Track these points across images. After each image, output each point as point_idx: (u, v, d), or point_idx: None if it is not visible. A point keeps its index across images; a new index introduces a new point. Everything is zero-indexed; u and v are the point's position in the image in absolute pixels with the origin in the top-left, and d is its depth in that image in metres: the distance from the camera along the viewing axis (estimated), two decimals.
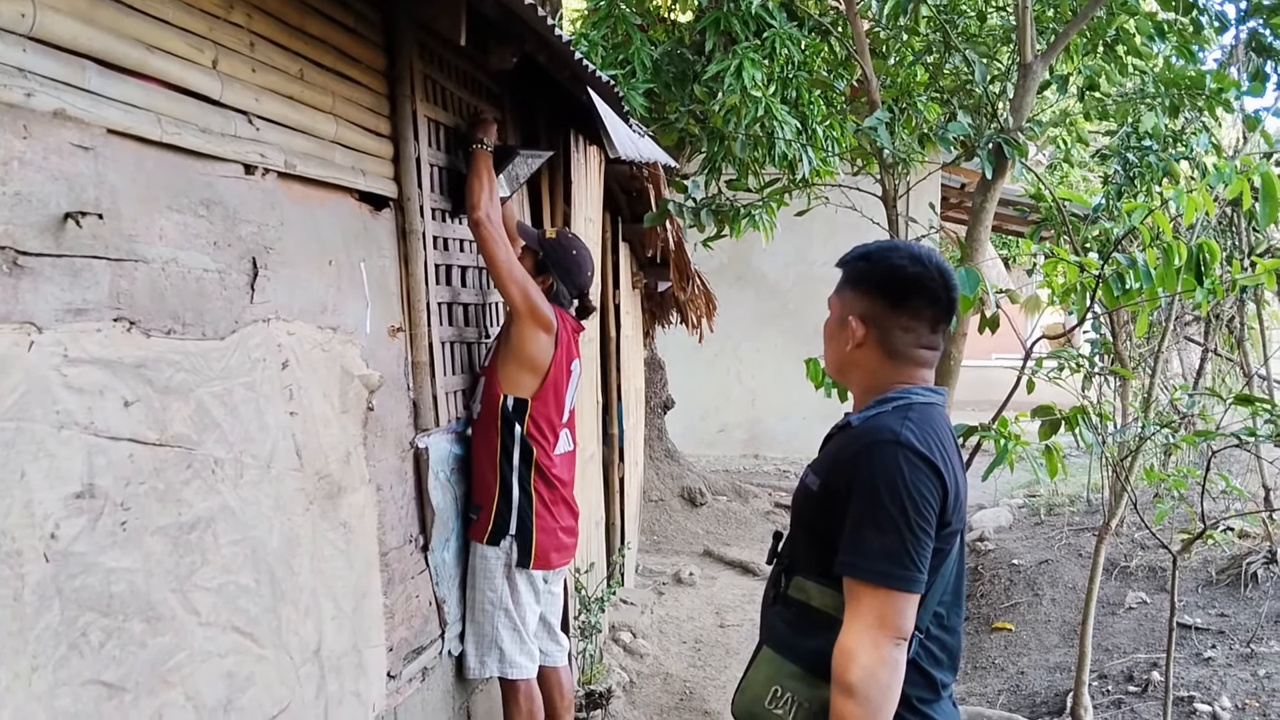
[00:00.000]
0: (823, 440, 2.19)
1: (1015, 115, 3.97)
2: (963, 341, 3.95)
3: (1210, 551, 5.80)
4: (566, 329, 3.55)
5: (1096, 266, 3.04)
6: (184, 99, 2.04)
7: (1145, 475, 3.58)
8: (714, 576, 8.02)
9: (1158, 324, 4.68)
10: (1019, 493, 9.34)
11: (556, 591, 3.78)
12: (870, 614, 1.81)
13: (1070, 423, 3.17)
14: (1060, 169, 10.02)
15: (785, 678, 1.96)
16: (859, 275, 2.08)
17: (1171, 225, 3.22)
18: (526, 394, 3.43)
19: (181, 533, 1.95)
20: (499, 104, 3.99)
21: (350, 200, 2.78)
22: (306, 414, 2.45)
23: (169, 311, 1.96)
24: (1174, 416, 4.30)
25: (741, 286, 12.15)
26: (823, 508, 1.97)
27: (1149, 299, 3.13)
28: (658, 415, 10.23)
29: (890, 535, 1.83)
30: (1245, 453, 5.76)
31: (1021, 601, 6.09)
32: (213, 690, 2.03)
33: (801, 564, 2.04)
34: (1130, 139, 5.29)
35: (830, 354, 2.15)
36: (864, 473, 1.88)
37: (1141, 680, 4.46)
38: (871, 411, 2.01)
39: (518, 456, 3.42)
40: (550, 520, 3.50)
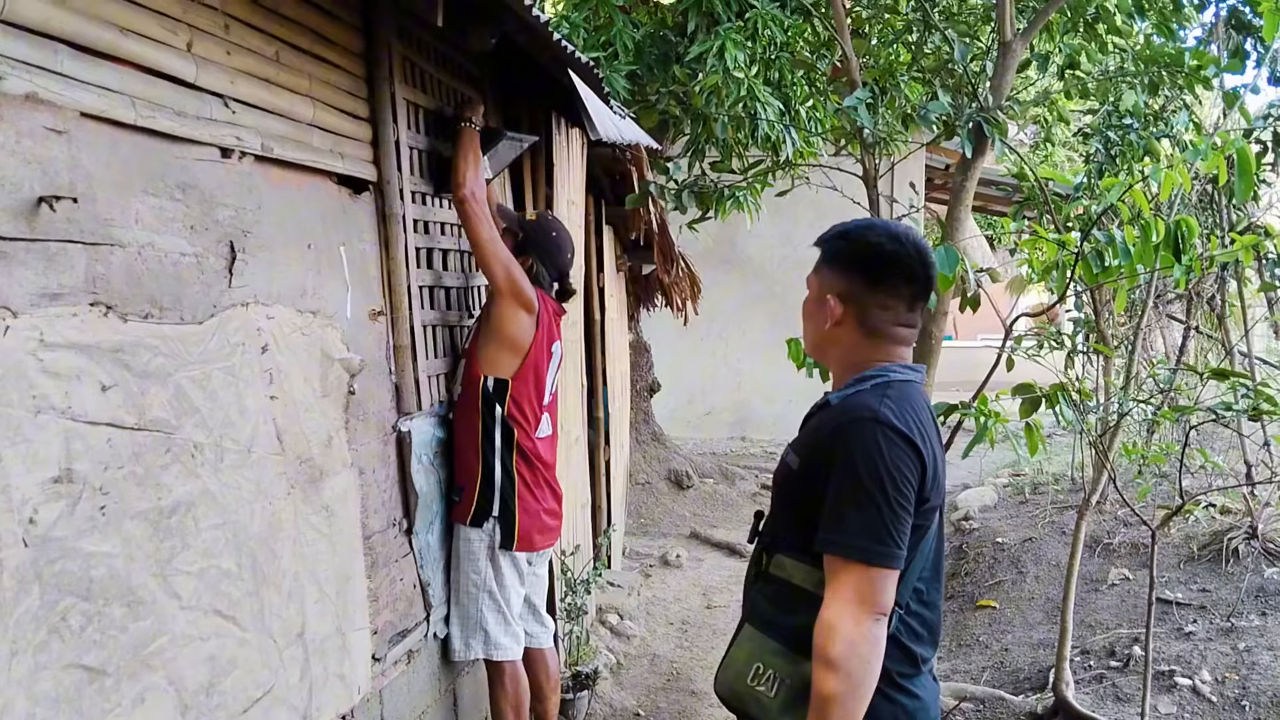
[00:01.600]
0: (803, 419, 2.20)
1: (995, 94, 3.97)
2: (943, 320, 3.96)
3: (1192, 528, 5.83)
4: (548, 310, 3.55)
5: (1076, 244, 3.05)
6: (158, 82, 2.04)
7: (1124, 451, 3.60)
8: (701, 558, 8.05)
9: (1138, 301, 4.70)
10: (1004, 472, 9.37)
11: (541, 574, 3.79)
12: (850, 590, 1.82)
13: (1051, 400, 3.18)
14: (1044, 148, 10.04)
15: (767, 655, 1.97)
16: (837, 254, 2.09)
17: (1150, 202, 3.23)
18: (507, 374, 3.43)
19: (161, 517, 1.95)
20: (479, 87, 3.98)
21: (329, 183, 2.77)
22: (287, 398, 2.45)
23: (146, 296, 1.96)
24: (1154, 393, 4.33)
25: (727, 270, 12.15)
26: (803, 485, 1.98)
27: (1128, 276, 3.14)
28: (644, 398, 10.24)
29: (869, 512, 1.84)
30: (1228, 430, 5.80)
31: (1005, 579, 6.12)
32: (195, 673, 2.03)
33: (783, 542, 2.05)
34: (1111, 117, 5.30)
35: (809, 332, 2.16)
36: (843, 450, 1.89)
37: (1123, 655, 4.50)
38: (850, 390, 2.02)
39: (499, 438, 3.43)
40: (533, 502, 3.50)
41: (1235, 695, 3.94)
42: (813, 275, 2.13)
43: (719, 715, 4.97)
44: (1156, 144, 5.14)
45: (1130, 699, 4.07)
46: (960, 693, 4.33)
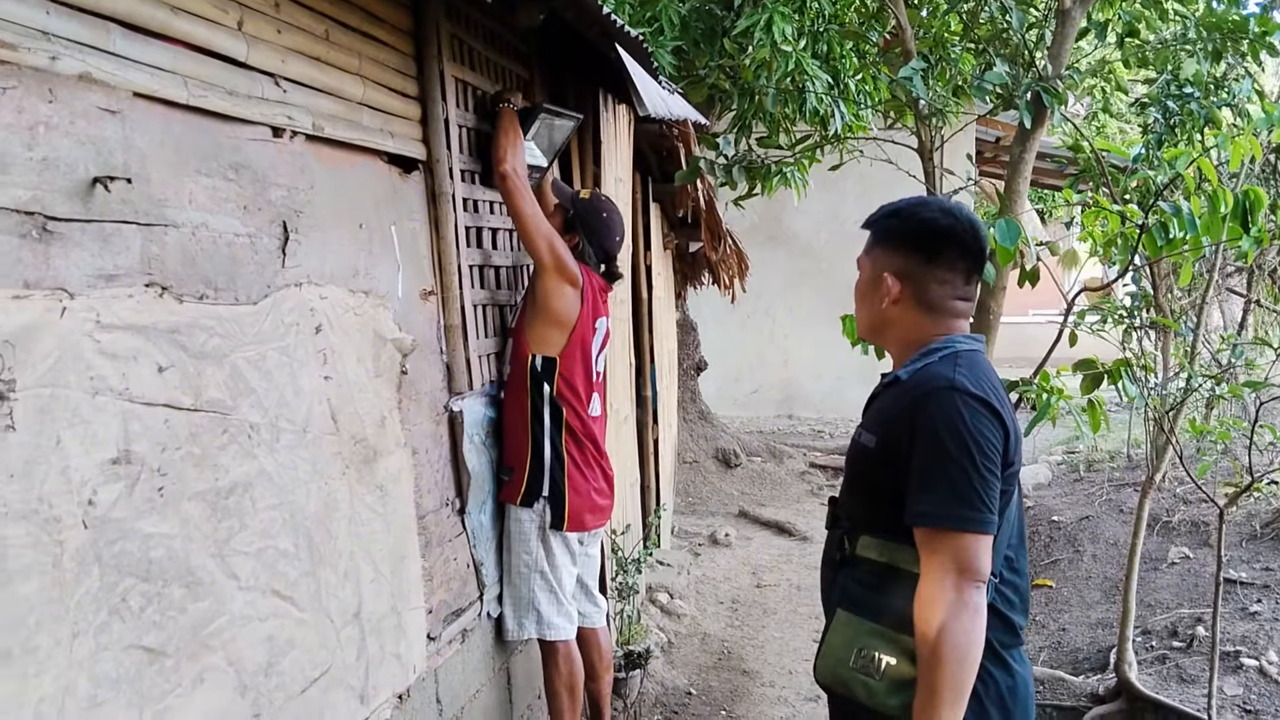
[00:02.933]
0: (868, 400, 2.19)
1: (1054, 63, 3.88)
2: (1002, 295, 3.88)
3: (1255, 505, 5.71)
4: (593, 286, 3.52)
5: (1139, 216, 2.97)
6: (210, 61, 2.02)
7: (1190, 428, 3.51)
8: (749, 537, 8.02)
9: (1200, 275, 4.59)
10: (1058, 449, 9.25)
11: (593, 554, 3.77)
12: (948, 560, 1.82)
13: (1114, 376, 3.11)
14: (1097, 119, 9.84)
15: (866, 636, 1.96)
16: (889, 232, 2.09)
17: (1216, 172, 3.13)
18: (554, 352, 3.41)
19: (219, 497, 1.95)
20: (526, 64, 3.94)
21: (379, 163, 2.76)
22: (341, 378, 2.44)
23: (201, 276, 1.95)
24: (1216, 368, 4.22)
25: (773, 246, 12.05)
26: (882, 464, 1.97)
27: (1193, 249, 3.05)
28: (691, 377, 10.20)
29: (959, 479, 1.83)
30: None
31: (1062, 558, 6.04)
32: (254, 654, 2.03)
33: (865, 523, 2.05)
34: (1170, 86, 5.16)
35: (863, 314, 2.15)
36: (924, 421, 1.89)
37: (1186, 635, 4.41)
38: (919, 364, 2.01)
39: (548, 417, 3.41)
40: (583, 482, 3.49)
41: None
42: (864, 256, 2.13)
43: (770, 694, 4.95)
44: (1218, 113, 4.99)
45: (1195, 680, 3.99)
46: None
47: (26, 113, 1.56)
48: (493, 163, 3.29)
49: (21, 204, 1.54)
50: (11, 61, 1.53)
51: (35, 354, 1.53)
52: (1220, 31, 4.62)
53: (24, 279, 1.53)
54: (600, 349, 3.62)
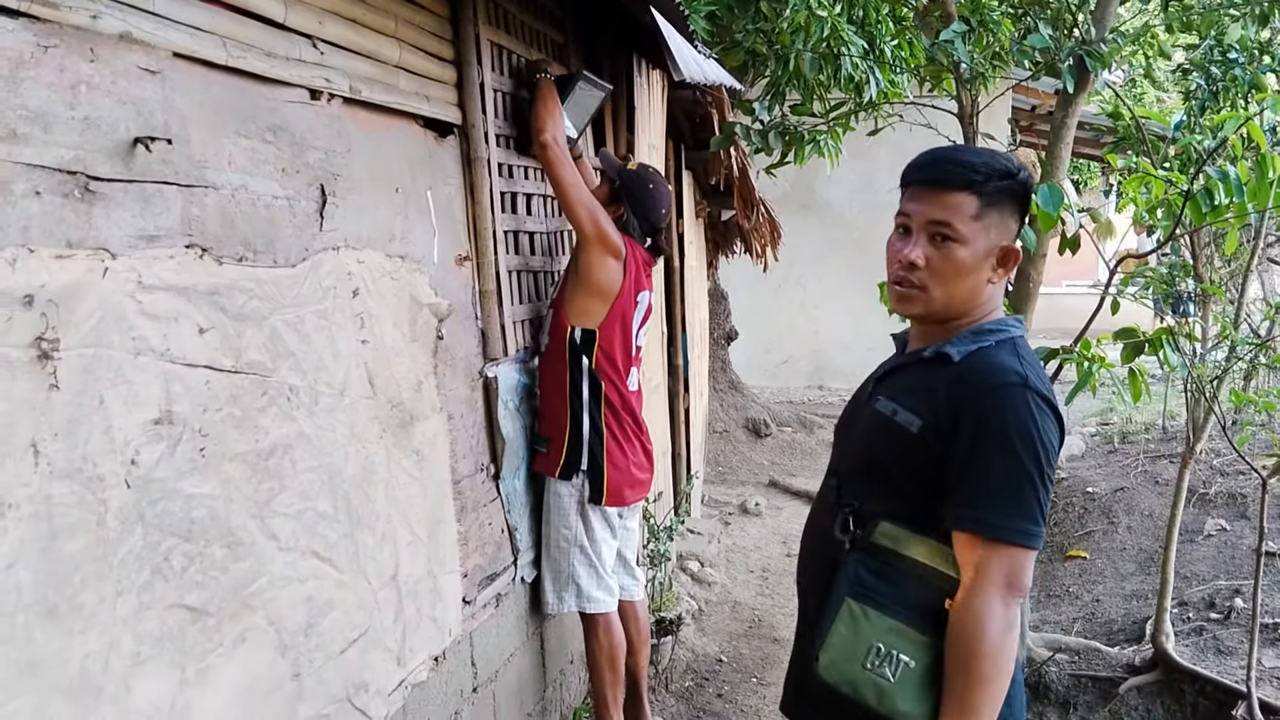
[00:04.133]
0: (892, 367, 2.03)
1: (1098, 26, 3.80)
2: (1043, 263, 3.83)
3: None
4: (636, 259, 3.49)
5: (1185, 181, 2.92)
6: (248, 22, 2.01)
7: (1233, 397, 3.46)
8: (780, 507, 8.02)
9: (1243, 244, 4.52)
10: (1091, 421, 9.18)
11: (632, 526, 3.77)
12: (1001, 574, 1.70)
13: (1155, 345, 3.06)
14: (1136, 86, 9.69)
15: (884, 634, 1.78)
16: (1010, 195, 1.85)
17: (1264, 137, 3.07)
18: (594, 324, 3.39)
19: (259, 459, 1.96)
20: (561, 28, 3.92)
21: (415, 127, 2.75)
22: (378, 342, 2.44)
23: (240, 238, 1.95)
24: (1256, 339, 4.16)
25: (805, 215, 11.96)
26: (925, 451, 1.81)
27: (1238, 216, 2.99)
28: (721, 346, 10.17)
29: (1026, 491, 1.72)
30: None
31: (1096, 529, 6.00)
32: (294, 614, 2.05)
33: (882, 508, 1.88)
34: (1214, 52, 5.07)
35: (957, 290, 1.86)
36: (994, 420, 1.74)
37: (1224, 607, 4.38)
38: (972, 345, 1.85)
39: (587, 390, 3.40)
40: (621, 457, 3.47)
41: None
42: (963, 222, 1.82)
43: None
44: (1263, 79, 4.90)
45: (1232, 652, 3.96)
46: (1054, 644, 4.26)
47: (68, 72, 1.55)
48: (532, 132, 3.26)
49: (64, 163, 1.53)
50: (53, 20, 1.52)
51: (78, 314, 1.53)
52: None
53: (66, 239, 1.53)
54: (642, 323, 3.60)
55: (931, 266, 1.85)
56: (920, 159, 1.92)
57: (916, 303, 1.89)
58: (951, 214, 1.82)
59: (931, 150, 1.93)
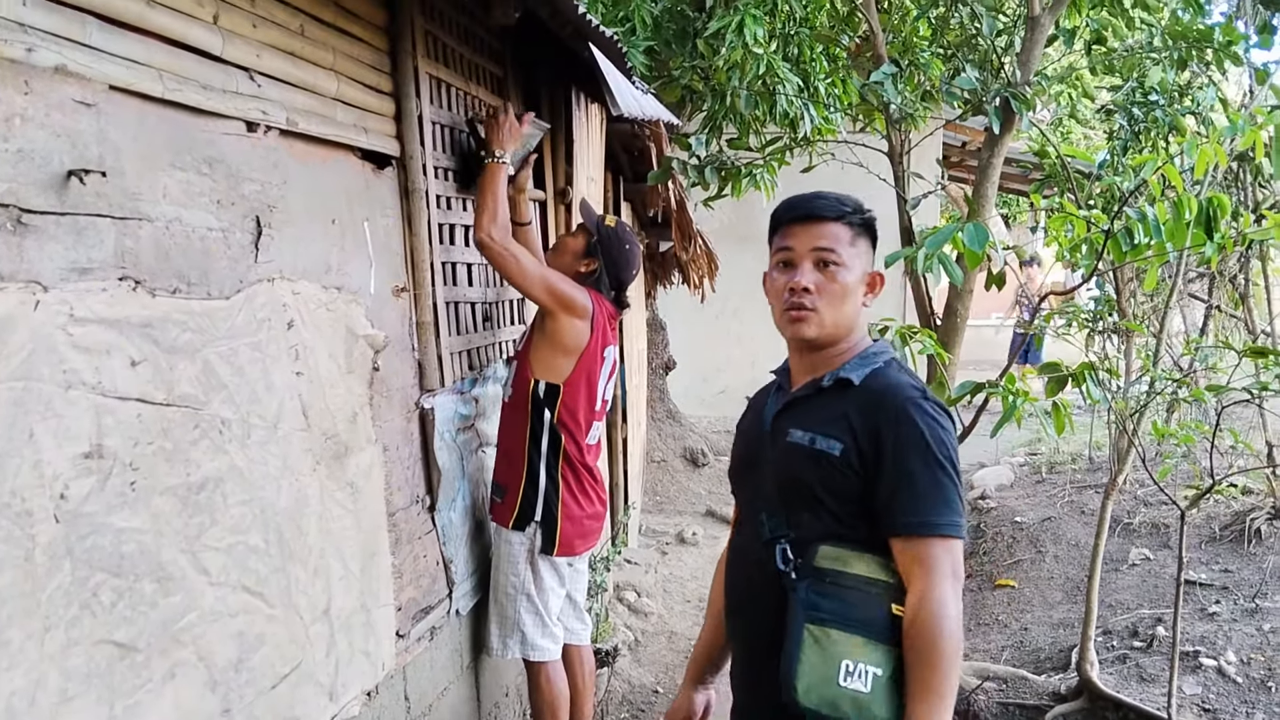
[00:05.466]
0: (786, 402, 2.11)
1: (1023, 69, 3.92)
2: (969, 298, 3.93)
3: (1214, 508, 5.80)
4: (603, 314, 3.51)
5: (1105, 221, 3.02)
6: (185, 55, 2.02)
7: (1154, 431, 3.56)
8: (716, 536, 8.04)
9: (1163, 280, 4.66)
10: (1020, 451, 9.34)
11: (582, 569, 3.77)
12: (947, 567, 1.86)
13: (1078, 379, 3.15)
14: (1064, 126, 9.94)
15: (851, 650, 1.87)
16: (868, 228, 2.10)
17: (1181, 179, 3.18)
18: (559, 379, 3.40)
19: (190, 493, 1.95)
20: (500, 61, 3.95)
21: (353, 158, 2.75)
22: (313, 374, 2.43)
23: (174, 270, 1.95)
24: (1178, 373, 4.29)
25: (742, 248, 12.01)
26: (850, 474, 1.94)
27: (1158, 254, 3.10)
28: (659, 376, 10.21)
29: (949, 487, 1.89)
30: (1249, 410, 5.76)
31: (1024, 559, 6.10)
32: (224, 650, 2.03)
33: (817, 532, 1.96)
34: (1136, 93, 5.23)
35: (844, 311, 2.04)
36: (910, 432, 1.91)
37: (1146, 635, 4.48)
38: (865, 368, 2.03)
39: (546, 444, 3.41)
40: (576, 509, 3.48)
41: (1261, 676, 3.92)
42: (838, 250, 2.02)
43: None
44: (1182, 120, 5.07)
45: (1155, 679, 4.05)
46: (982, 671, 4.32)
47: (2, 104, 1.55)
48: (474, 225, 3.25)
49: None
50: None
51: (9, 347, 1.52)
52: (1185, 40, 4.69)
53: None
54: (608, 378, 3.61)
55: (821, 290, 2.02)
56: (791, 200, 2.13)
57: (811, 325, 2.04)
58: (832, 241, 2.03)
59: (796, 195, 2.14)
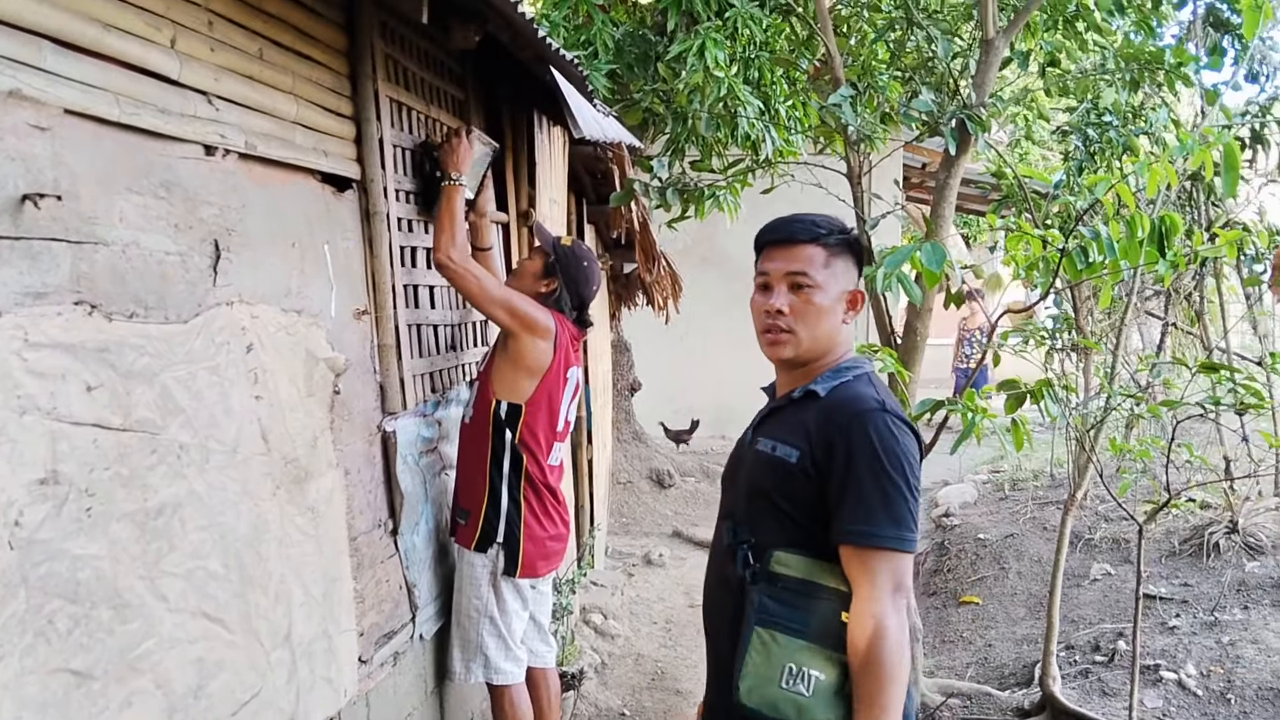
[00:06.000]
0: (766, 412, 2.22)
1: (978, 91, 3.98)
2: (929, 317, 3.97)
3: (1173, 523, 5.88)
4: (565, 334, 3.50)
5: (1060, 240, 3.06)
6: (142, 79, 2.01)
7: (1110, 446, 3.62)
8: (683, 557, 8.04)
9: (1119, 298, 4.73)
10: (983, 469, 9.42)
11: (546, 591, 3.75)
12: (887, 580, 1.88)
13: (1036, 396, 3.19)
14: (1021, 147, 10.08)
15: (795, 654, 1.93)
16: (848, 247, 2.14)
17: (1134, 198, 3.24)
18: (521, 399, 3.40)
19: (148, 519, 1.93)
20: (462, 84, 3.96)
21: (312, 182, 2.75)
22: (272, 398, 2.42)
23: (131, 295, 1.93)
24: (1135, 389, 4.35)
25: (706, 269, 12.12)
26: (806, 479, 1.99)
27: (1112, 272, 3.14)
28: (625, 398, 10.22)
29: (896, 499, 1.90)
30: (1206, 425, 5.85)
31: (988, 575, 6.14)
32: (183, 677, 2.01)
33: (774, 539, 2.03)
34: (1090, 115, 5.32)
35: (820, 330, 2.10)
36: (861, 442, 1.93)
37: (1108, 649, 4.52)
38: (834, 381, 2.07)
39: (508, 464, 3.40)
40: (539, 530, 3.47)
41: (1220, 689, 3.96)
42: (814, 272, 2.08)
43: None
44: (1135, 141, 5.17)
45: (1116, 693, 4.09)
46: (947, 689, 4.34)
47: None
48: (432, 247, 3.26)
49: None
50: None
51: None
52: (1137, 62, 4.78)
53: None
54: (571, 399, 3.60)
55: (795, 311, 2.09)
56: (771, 224, 2.20)
57: (787, 346, 2.11)
58: (806, 264, 2.09)
59: (779, 217, 2.20)
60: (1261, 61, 5.04)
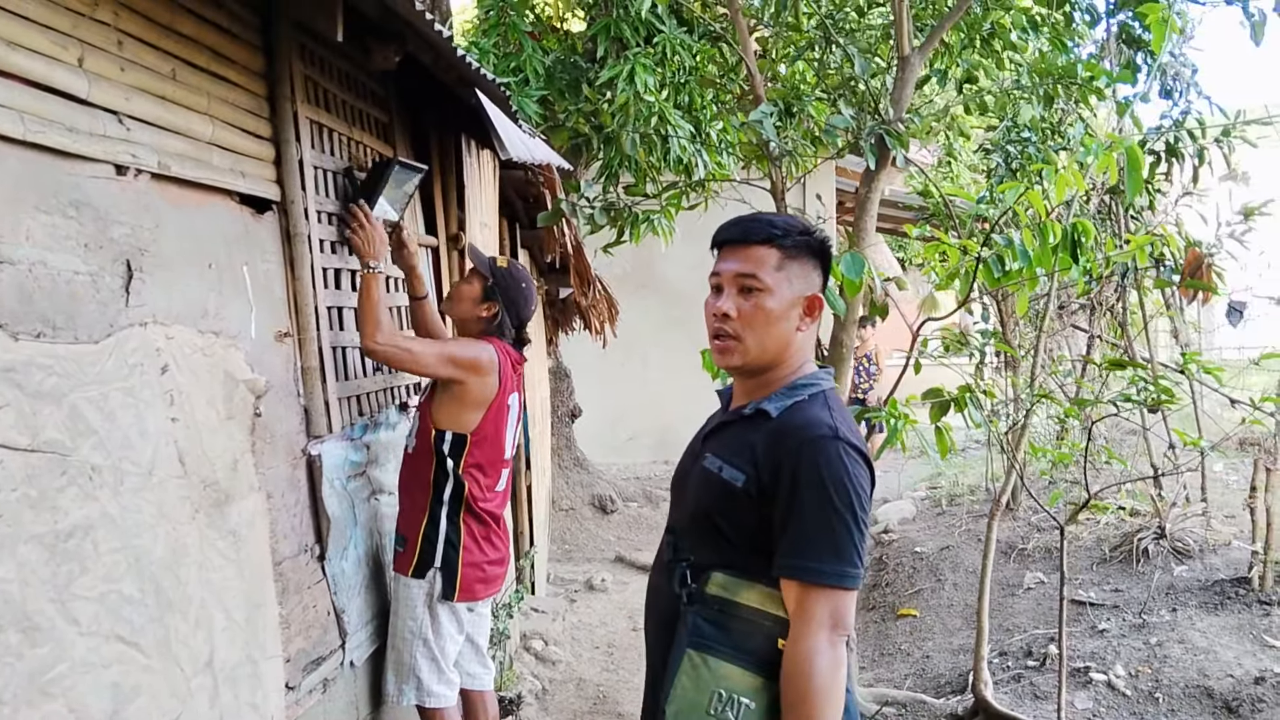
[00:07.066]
0: (715, 426, 2.13)
1: (895, 107, 4.06)
2: (853, 329, 4.02)
3: (1103, 530, 5.98)
4: (508, 361, 3.49)
5: (977, 249, 3.13)
6: (48, 97, 1.99)
7: (1031, 450, 3.68)
8: (626, 582, 8.03)
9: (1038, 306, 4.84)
10: (921, 485, 9.53)
11: (484, 613, 3.73)
12: (825, 616, 1.80)
13: (959, 404, 3.25)
14: (949, 167, 10.27)
15: (724, 679, 1.86)
16: (809, 249, 2.01)
17: (1049, 208, 3.31)
18: (466, 430, 3.38)
19: (58, 541, 1.89)
20: (385, 106, 3.95)
21: (230, 203, 2.73)
22: (189, 420, 2.39)
23: (38, 314, 1.91)
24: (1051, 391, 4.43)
25: (645, 294, 12.18)
26: (749, 503, 1.92)
27: (1029, 279, 3.22)
28: (565, 424, 10.20)
29: (842, 535, 1.82)
30: (1135, 437, 5.98)
31: (925, 588, 6.21)
32: (98, 701, 1.97)
33: (714, 560, 1.97)
34: (1010, 132, 5.45)
35: (770, 336, 1.99)
36: (809, 472, 1.85)
37: (1039, 654, 4.58)
38: (788, 400, 1.97)
39: (449, 493, 3.38)
40: (478, 554, 3.44)
41: (1149, 688, 4.03)
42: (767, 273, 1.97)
43: None
44: (1054, 156, 5.29)
45: (1047, 696, 4.14)
46: (881, 697, 4.37)
47: None
48: (360, 336, 3.22)
49: None
50: None
51: None
52: (1052, 77, 4.90)
53: None
54: (514, 425, 3.58)
55: (743, 316, 1.98)
56: (727, 223, 2.08)
57: (734, 353, 2.01)
58: (756, 266, 1.97)
59: (737, 216, 2.08)
60: (1175, 77, 5.19)
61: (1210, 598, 4.91)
